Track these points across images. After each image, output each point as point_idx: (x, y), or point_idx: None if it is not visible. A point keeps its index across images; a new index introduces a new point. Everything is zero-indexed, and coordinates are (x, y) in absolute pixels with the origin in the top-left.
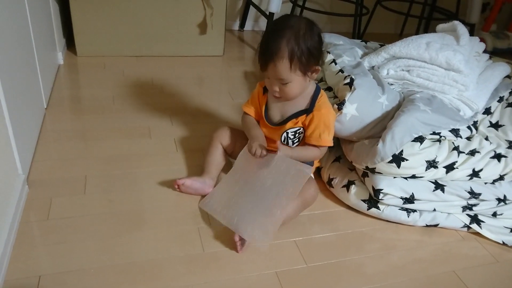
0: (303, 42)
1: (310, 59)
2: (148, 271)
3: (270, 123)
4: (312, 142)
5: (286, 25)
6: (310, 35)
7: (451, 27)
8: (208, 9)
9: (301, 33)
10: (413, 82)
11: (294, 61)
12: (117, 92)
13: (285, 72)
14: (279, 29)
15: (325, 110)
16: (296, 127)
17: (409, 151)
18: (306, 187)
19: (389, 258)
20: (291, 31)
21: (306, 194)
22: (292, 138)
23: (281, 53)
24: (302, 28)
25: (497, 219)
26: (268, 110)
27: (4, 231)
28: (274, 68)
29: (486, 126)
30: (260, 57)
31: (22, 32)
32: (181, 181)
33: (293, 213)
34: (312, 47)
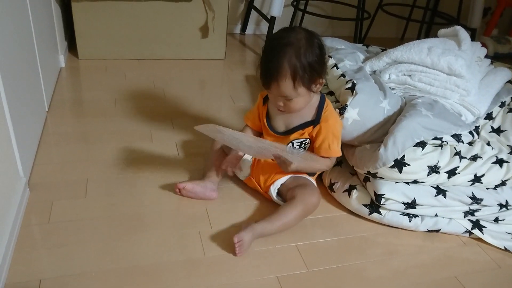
0: (304, 58)
1: (313, 74)
2: (149, 275)
3: (275, 132)
4: (321, 154)
5: (286, 42)
6: (311, 50)
7: (453, 32)
8: (210, 13)
9: (302, 50)
10: (414, 87)
11: (297, 79)
12: (119, 95)
13: (289, 90)
14: (279, 46)
15: (332, 121)
16: (302, 138)
17: (411, 156)
18: (308, 195)
19: (391, 263)
20: (291, 49)
21: (308, 202)
22: (297, 149)
23: (284, 72)
24: (303, 44)
25: (499, 225)
26: (270, 120)
27: (5, 234)
28: (277, 87)
29: (487, 131)
30: (262, 77)
31: (24, 34)
32: (182, 185)
33: (294, 221)
34: (314, 62)
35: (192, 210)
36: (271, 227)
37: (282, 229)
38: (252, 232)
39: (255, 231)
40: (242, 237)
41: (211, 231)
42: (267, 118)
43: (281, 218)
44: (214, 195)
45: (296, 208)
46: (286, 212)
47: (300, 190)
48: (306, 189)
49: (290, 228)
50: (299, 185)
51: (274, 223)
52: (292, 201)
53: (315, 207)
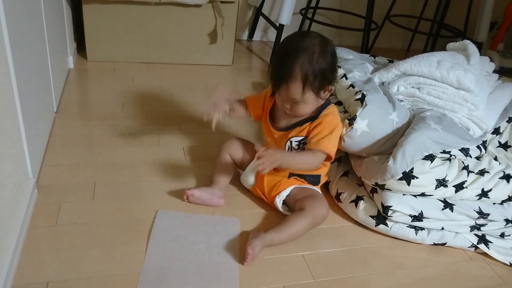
0: (316, 64)
1: (323, 81)
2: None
3: (275, 127)
4: (309, 146)
5: (300, 47)
6: (324, 57)
7: (462, 46)
8: (219, 19)
9: (315, 56)
10: (423, 100)
11: (307, 84)
12: (127, 98)
13: (297, 94)
14: (293, 50)
15: (331, 118)
16: (300, 136)
17: (420, 169)
18: (317, 206)
19: (396, 276)
20: (304, 54)
21: (317, 214)
22: (296, 148)
23: (294, 75)
24: (316, 50)
25: (505, 240)
26: (273, 115)
27: (13, 236)
28: (287, 89)
29: (495, 146)
30: (272, 78)
31: (37, 34)
32: (190, 192)
33: (302, 232)
34: (325, 69)
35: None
36: (280, 237)
37: (290, 240)
38: (262, 242)
39: (265, 241)
40: (255, 247)
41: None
42: (270, 112)
43: (290, 229)
44: (221, 202)
45: (305, 219)
46: (295, 222)
47: (309, 202)
48: (315, 201)
49: (297, 238)
50: (307, 196)
51: (283, 234)
52: (301, 212)
53: (324, 218)
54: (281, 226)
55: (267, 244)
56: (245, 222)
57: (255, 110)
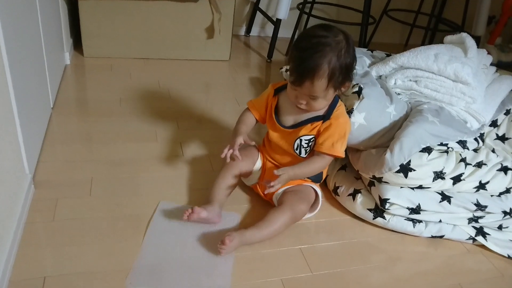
0: (344, 60)
1: (346, 77)
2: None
3: (283, 126)
4: (322, 150)
5: (326, 42)
6: (349, 52)
7: (459, 39)
8: (216, 14)
9: (343, 52)
10: (420, 93)
11: (332, 80)
12: (124, 94)
13: (321, 90)
14: (319, 45)
15: (343, 120)
16: (311, 135)
17: (417, 162)
18: (296, 201)
19: (394, 269)
20: (332, 50)
21: (295, 209)
22: (305, 147)
23: (322, 72)
24: (343, 46)
25: (503, 232)
26: (279, 114)
27: (10, 231)
28: (311, 86)
29: (492, 138)
30: (295, 73)
31: (32, 30)
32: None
33: (282, 227)
34: (349, 65)
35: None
36: (260, 234)
37: (271, 236)
38: (240, 237)
39: (244, 236)
40: (233, 239)
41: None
42: (275, 111)
43: (269, 225)
44: (218, 220)
45: (284, 215)
46: (274, 219)
47: (289, 196)
48: (295, 196)
49: (278, 235)
50: (290, 191)
51: (263, 230)
52: (280, 208)
53: (303, 213)
54: (261, 223)
55: (247, 240)
56: (244, 217)
57: (259, 112)
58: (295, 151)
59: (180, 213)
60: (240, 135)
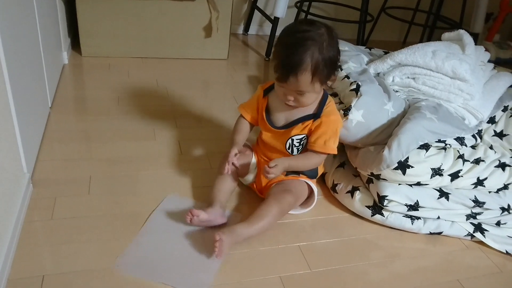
0: (327, 53)
1: (331, 69)
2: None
3: (274, 127)
4: (316, 149)
5: (309, 36)
6: (332, 45)
7: (457, 36)
8: (214, 13)
9: (324, 45)
10: (418, 90)
11: (317, 74)
12: (122, 93)
13: (306, 85)
14: (302, 39)
15: (334, 117)
16: (302, 134)
17: (415, 159)
18: (280, 193)
19: (393, 266)
20: (315, 43)
21: (282, 201)
22: (297, 146)
23: (305, 66)
24: (325, 39)
25: (501, 228)
26: (270, 114)
27: (8, 230)
28: (296, 81)
29: (490, 135)
30: (280, 69)
31: (30, 30)
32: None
33: (272, 221)
34: (333, 57)
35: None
36: (251, 229)
37: (261, 230)
38: (231, 235)
39: (235, 233)
40: (222, 236)
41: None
42: (266, 112)
43: (258, 219)
44: (223, 220)
45: (270, 207)
46: (262, 212)
47: (275, 189)
48: (281, 188)
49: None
50: (279, 184)
51: (253, 225)
52: (266, 201)
53: (290, 205)
54: (250, 218)
55: (239, 236)
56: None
57: (251, 114)
58: (287, 150)
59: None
60: (235, 145)
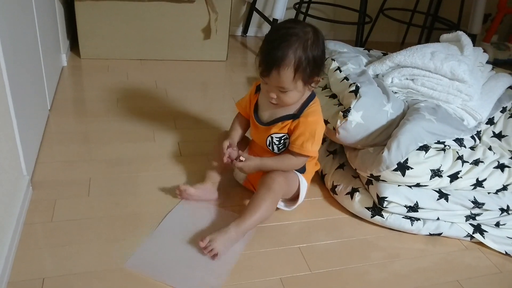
0: (310, 51)
1: (314, 70)
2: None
3: (259, 122)
4: (293, 149)
5: (293, 33)
6: (317, 45)
7: (455, 37)
8: (213, 14)
9: (309, 43)
10: (417, 91)
11: (299, 71)
12: (121, 95)
13: (288, 81)
14: (286, 35)
15: (312, 119)
16: (281, 133)
17: (414, 160)
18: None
19: (393, 266)
20: (298, 40)
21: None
22: (277, 144)
23: (287, 61)
24: (310, 37)
25: (500, 229)
26: (258, 110)
27: (8, 232)
28: (277, 76)
29: (489, 136)
30: (262, 63)
31: (29, 32)
32: (183, 187)
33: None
34: (317, 58)
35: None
36: (246, 224)
37: (259, 221)
38: (224, 234)
39: (229, 231)
40: (208, 239)
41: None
42: (255, 107)
43: (253, 212)
44: (214, 196)
45: (264, 195)
46: (255, 204)
47: (263, 176)
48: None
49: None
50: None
51: (248, 220)
52: (257, 191)
53: (282, 187)
54: (246, 212)
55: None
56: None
57: (245, 109)
58: (268, 147)
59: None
60: (227, 139)
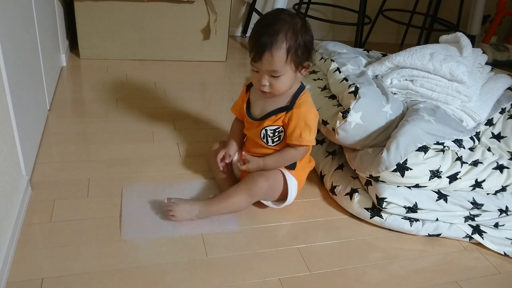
0: (300, 35)
1: (304, 53)
2: (152, 276)
3: (251, 118)
4: (293, 142)
5: (282, 17)
6: (306, 30)
7: (454, 39)
8: (212, 15)
9: (298, 26)
10: (416, 92)
11: (291, 52)
12: (120, 95)
13: (280, 63)
14: (276, 20)
15: (304, 108)
16: (275, 125)
17: (413, 161)
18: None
19: (392, 267)
20: (288, 24)
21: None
22: (271, 136)
23: (279, 43)
24: (298, 22)
25: (499, 230)
26: (250, 107)
27: (7, 233)
28: (270, 58)
29: (488, 137)
30: (254, 48)
31: (28, 32)
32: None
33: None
34: (307, 42)
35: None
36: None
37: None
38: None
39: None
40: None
41: (214, 233)
42: (247, 105)
43: (224, 199)
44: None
45: (239, 189)
46: (229, 193)
47: (248, 175)
48: (254, 173)
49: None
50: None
51: (217, 204)
52: (237, 185)
53: (261, 188)
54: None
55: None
56: (240, 214)
57: (239, 112)
58: (262, 140)
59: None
60: (222, 150)
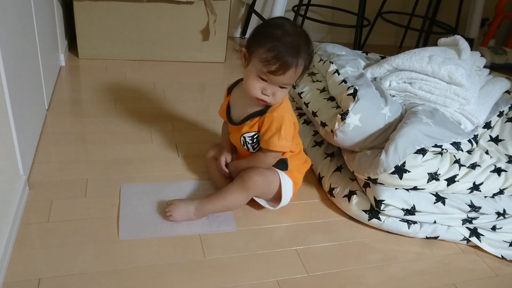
0: (312, 51)
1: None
2: (149, 277)
3: (232, 122)
4: (262, 145)
5: (299, 33)
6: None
7: (453, 41)
8: (212, 16)
9: (310, 41)
10: (415, 95)
11: (307, 67)
12: (119, 95)
13: (296, 78)
14: (297, 34)
15: (277, 114)
16: (252, 131)
17: (412, 163)
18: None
19: (390, 269)
20: (303, 39)
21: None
22: (250, 143)
23: (301, 60)
24: (307, 36)
25: (496, 233)
26: (230, 111)
27: (4, 233)
28: (293, 75)
29: (486, 140)
30: (280, 61)
31: (27, 32)
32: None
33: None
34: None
35: None
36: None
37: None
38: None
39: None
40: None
41: (212, 234)
42: (227, 109)
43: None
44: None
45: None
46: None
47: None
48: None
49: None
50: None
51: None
52: (232, 183)
53: (257, 184)
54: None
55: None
56: (239, 216)
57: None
58: (243, 147)
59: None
60: (222, 153)
